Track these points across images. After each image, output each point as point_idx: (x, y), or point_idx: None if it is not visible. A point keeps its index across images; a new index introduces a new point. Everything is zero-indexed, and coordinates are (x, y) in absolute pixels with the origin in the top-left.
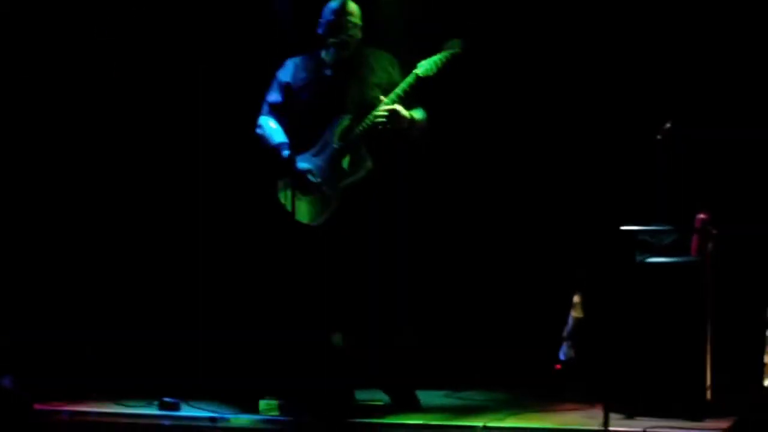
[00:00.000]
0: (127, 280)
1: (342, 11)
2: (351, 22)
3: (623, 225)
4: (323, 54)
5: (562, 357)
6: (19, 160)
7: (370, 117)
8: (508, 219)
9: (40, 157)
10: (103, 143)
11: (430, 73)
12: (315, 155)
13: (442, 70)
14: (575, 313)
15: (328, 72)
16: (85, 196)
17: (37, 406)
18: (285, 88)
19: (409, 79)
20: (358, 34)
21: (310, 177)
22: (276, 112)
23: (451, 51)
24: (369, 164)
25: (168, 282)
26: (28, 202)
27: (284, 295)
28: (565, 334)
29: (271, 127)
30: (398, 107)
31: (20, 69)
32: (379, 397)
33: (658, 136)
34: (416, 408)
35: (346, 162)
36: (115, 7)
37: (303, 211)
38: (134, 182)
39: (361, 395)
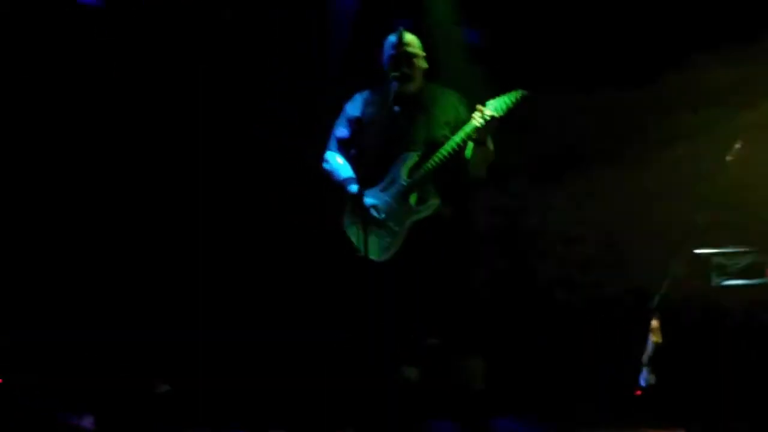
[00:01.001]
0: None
1: (400, 44)
2: (411, 53)
3: (699, 248)
4: (390, 88)
5: (642, 383)
6: (21, 161)
7: (439, 154)
8: (581, 243)
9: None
10: (109, 143)
11: (500, 114)
12: (383, 191)
13: (512, 110)
14: (654, 338)
15: (395, 107)
16: (138, 200)
17: None
18: (354, 123)
19: None
20: (422, 64)
21: (373, 212)
22: (343, 146)
23: (521, 92)
24: (436, 201)
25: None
26: (53, 206)
27: (350, 327)
28: (645, 359)
29: (338, 163)
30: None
31: (18, 69)
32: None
33: (729, 157)
34: None
35: (413, 199)
36: (116, 8)
37: (367, 245)
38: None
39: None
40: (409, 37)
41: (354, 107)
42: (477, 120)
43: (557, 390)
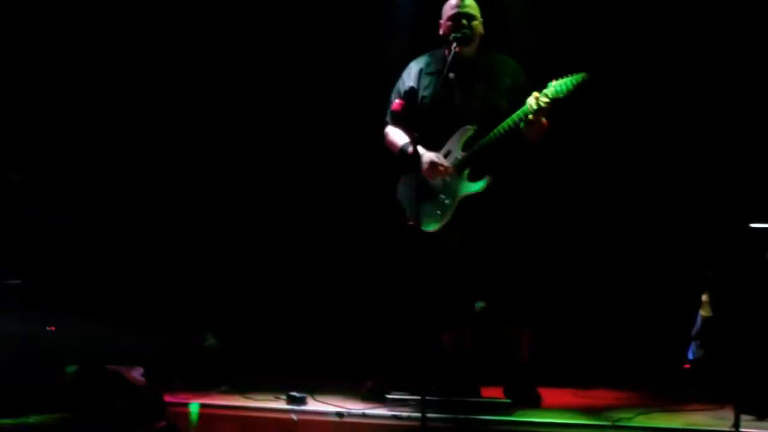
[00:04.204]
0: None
1: (459, 6)
2: (471, 14)
3: (752, 223)
4: (447, 55)
5: (690, 356)
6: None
7: (495, 132)
8: (636, 218)
9: None
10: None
11: (561, 95)
12: None
13: (573, 92)
14: (704, 312)
15: (452, 75)
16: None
17: (167, 398)
18: (410, 93)
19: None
20: (479, 28)
21: (437, 159)
22: (400, 118)
23: (584, 75)
24: (488, 178)
25: (280, 278)
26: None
27: (397, 293)
28: (693, 333)
29: (395, 132)
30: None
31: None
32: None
33: None
34: (536, 404)
35: (467, 173)
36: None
37: (419, 216)
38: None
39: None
40: (469, 1)
41: (409, 77)
42: (534, 104)
43: (605, 363)
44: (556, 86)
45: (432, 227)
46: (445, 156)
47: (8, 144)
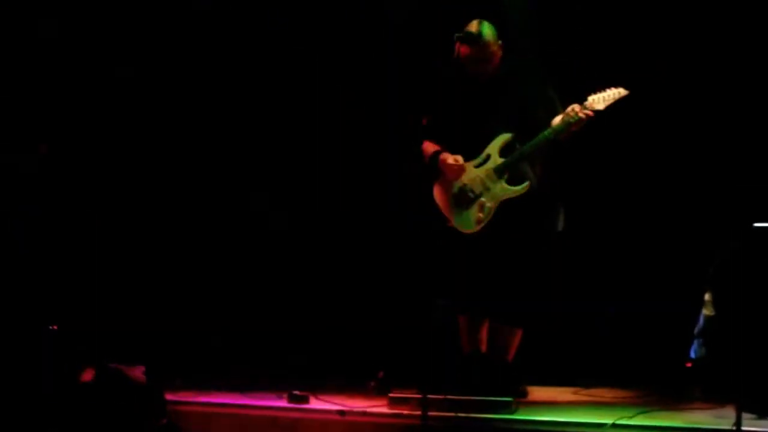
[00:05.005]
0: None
1: (476, 44)
2: (488, 50)
3: (756, 222)
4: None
5: (692, 355)
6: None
7: (535, 141)
8: (640, 217)
9: None
10: None
11: (600, 109)
12: (476, 167)
13: (611, 106)
14: (706, 311)
15: (479, 86)
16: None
17: (168, 397)
18: (436, 103)
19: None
20: (498, 52)
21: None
22: (432, 128)
23: (623, 90)
24: (527, 182)
25: (283, 275)
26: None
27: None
28: (696, 332)
29: (427, 143)
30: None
31: None
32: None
33: None
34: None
35: (506, 177)
36: None
37: (459, 218)
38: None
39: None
40: (486, 33)
41: (435, 87)
42: (574, 116)
43: (607, 361)
44: (596, 99)
45: (473, 228)
46: (485, 161)
47: (8, 143)
